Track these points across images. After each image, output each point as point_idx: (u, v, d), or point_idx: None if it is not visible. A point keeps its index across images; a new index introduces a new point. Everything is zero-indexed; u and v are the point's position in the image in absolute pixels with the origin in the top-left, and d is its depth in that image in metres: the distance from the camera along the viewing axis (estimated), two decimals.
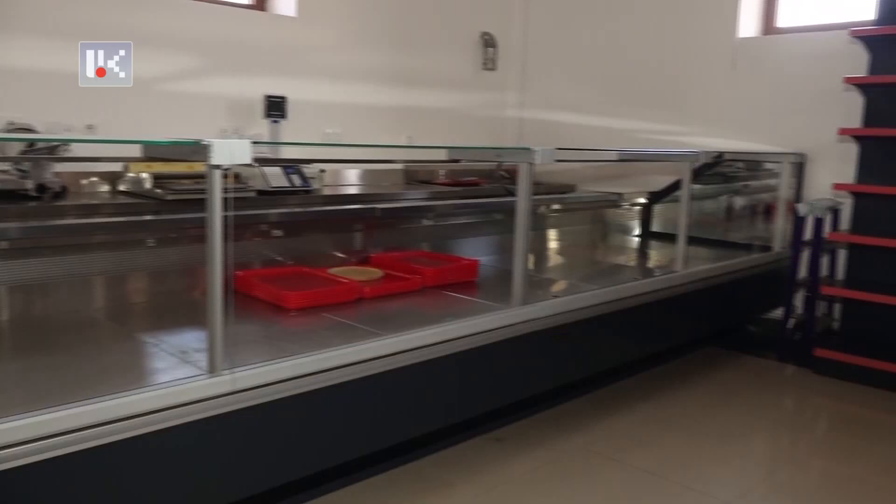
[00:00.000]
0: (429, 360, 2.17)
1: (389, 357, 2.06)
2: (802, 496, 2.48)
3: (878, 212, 3.75)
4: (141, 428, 1.59)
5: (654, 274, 3.44)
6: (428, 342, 2.16)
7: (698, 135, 4.56)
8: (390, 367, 2.07)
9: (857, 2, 4.04)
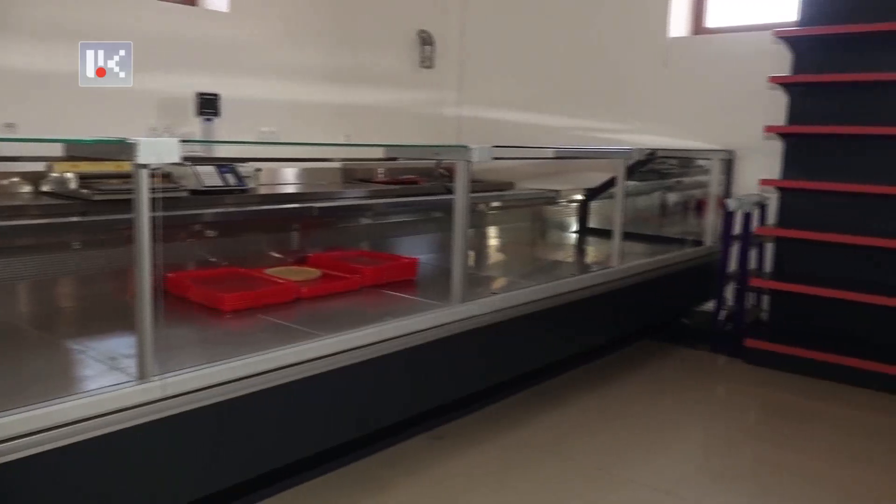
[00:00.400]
0: (367, 360, 2.16)
1: (327, 358, 2.04)
2: (737, 482, 2.56)
3: (801, 206, 3.90)
4: (66, 438, 1.53)
5: (591, 270, 3.49)
6: (366, 342, 2.15)
7: (633, 132, 4.65)
8: (328, 369, 2.04)
9: (781, 3, 4.19)
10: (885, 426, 3.03)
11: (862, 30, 3.55)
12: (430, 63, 5.11)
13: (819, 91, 3.80)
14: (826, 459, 2.70)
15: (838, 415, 3.17)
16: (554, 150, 3.17)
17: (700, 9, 4.59)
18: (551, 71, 5.00)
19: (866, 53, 3.65)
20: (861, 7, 3.64)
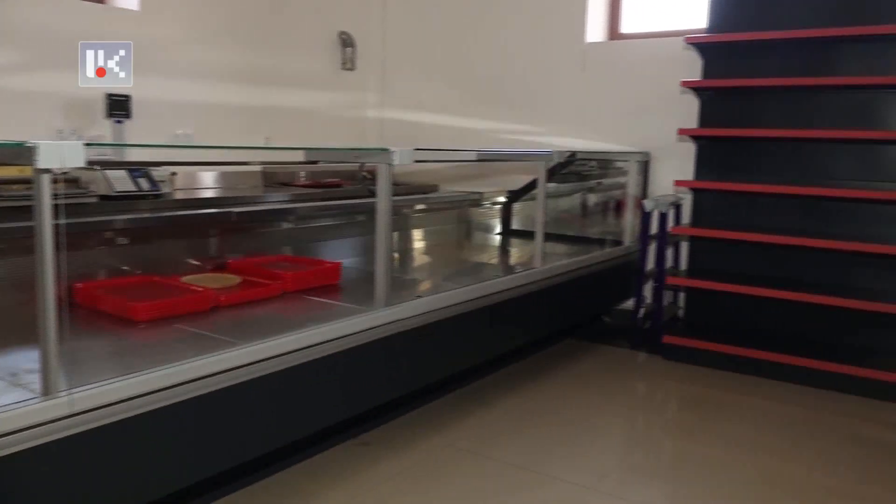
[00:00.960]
0: (289, 368, 2.11)
1: (247, 367, 1.98)
2: (657, 475, 2.63)
3: (714, 206, 4.05)
4: None
5: (514, 271, 3.53)
6: (287, 349, 2.10)
7: (553, 135, 4.74)
8: (248, 378, 1.99)
9: (692, 10, 4.34)
10: (796, 417, 3.17)
11: (766, 37, 3.72)
12: (351, 65, 5.07)
13: (728, 95, 3.96)
14: (740, 450, 2.81)
15: (752, 406, 3.29)
16: (476, 152, 3.19)
17: (615, 15, 4.71)
18: (473, 74, 5.04)
19: (771, 59, 3.83)
20: (765, 15, 3.82)
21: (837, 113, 3.73)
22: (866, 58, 3.65)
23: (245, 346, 2.00)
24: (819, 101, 3.77)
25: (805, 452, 2.80)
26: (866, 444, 2.91)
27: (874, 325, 3.61)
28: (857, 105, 3.68)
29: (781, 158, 3.87)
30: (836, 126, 3.70)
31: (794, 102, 3.82)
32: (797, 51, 3.76)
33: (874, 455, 2.80)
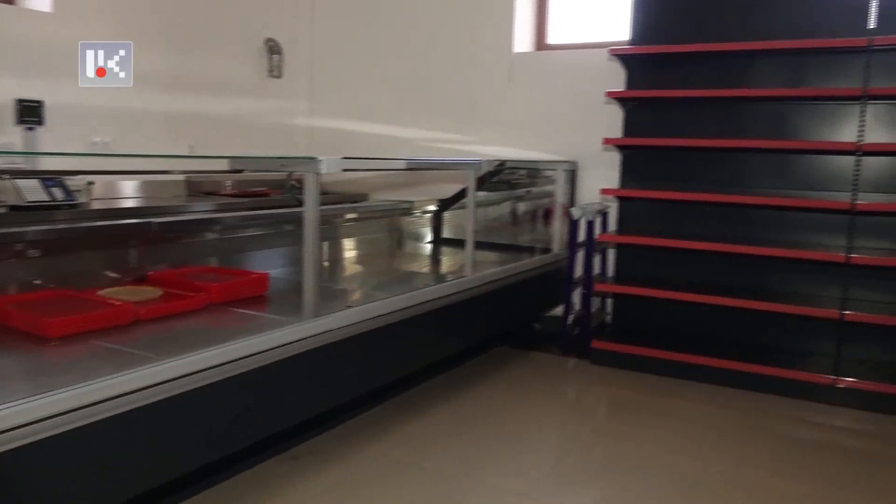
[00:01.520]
0: (213, 384, 2.04)
1: (168, 383, 1.90)
2: (589, 478, 2.66)
3: (639, 213, 4.16)
4: None
5: (445, 279, 3.52)
6: (211, 364, 2.03)
7: (482, 143, 4.77)
8: (169, 395, 1.91)
9: (617, 23, 4.45)
10: (720, 417, 3.27)
11: (685, 49, 3.84)
12: (278, 72, 4.99)
13: (651, 105, 4.07)
14: (668, 451, 2.87)
15: (678, 408, 3.38)
16: (406, 161, 3.18)
17: (542, 26, 4.79)
18: (404, 82, 5.04)
19: (692, 71, 3.96)
20: (685, 29, 3.94)
21: (756, 124, 3.88)
22: (782, 71, 3.81)
23: (166, 362, 1.92)
24: (739, 112, 3.91)
25: (730, 452, 2.88)
26: (787, 442, 3.02)
27: (791, 327, 3.76)
28: (774, 116, 3.84)
29: (703, 167, 4.00)
30: (754, 136, 3.85)
31: (715, 113, 3.95)
32: (717, 63, 3.90)
33: (795, 452, 2.90)
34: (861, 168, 3.63)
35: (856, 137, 3.60)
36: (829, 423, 3.27)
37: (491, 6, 4.70)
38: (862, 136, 3.59)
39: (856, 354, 3.67)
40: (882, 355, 3.64)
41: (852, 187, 3.65)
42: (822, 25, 3.65)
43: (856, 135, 3.61)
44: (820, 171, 3.77)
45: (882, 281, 3.63)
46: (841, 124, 3.69)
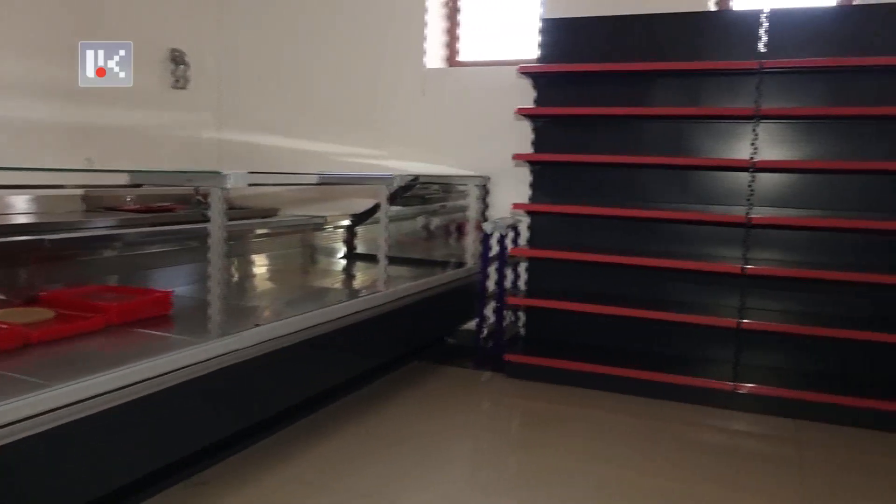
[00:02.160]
0: (111, 409, 1.94)
1: (62, 410, 1.79)
2: (504, 490, 2.67)
3: (549, 228, 4.24)
4: None
5: (358, 295, 3.48)
6: (109, 388, 1.93)
7: (395, 158, 4.77)
8: (64, 422, 1.80)
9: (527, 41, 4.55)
10: (630, 425, 3.35)
11: (591, 69, 3.96)
12: (183, 83, 4.84)
13: (559, 122, 4.17)
14: (581, 461, 2.92)
15: (590, 418, 3.44)
16: (316, 175, 3.13)
17: (453, 42, 4.85)
18: (316, 96, 4.99)
19: (596, 89, 4.08)
20: (591, 48, 4.07)
21: (657, 141, 4.03)
22: (681, 90, 3.98)
23: (58, 387, 1.81)
24: (641, 129, 4.06)
25: (638, 458, 2.96)
26: (690, 447, 3.12)
27: (694, 336, 3.92)
28: (674, 134, 4.01)
29: (609, 182, 4.13)
30: (656, 153, 4.00)
31: (619, 130, 4.09)
32: (621, 82, 4.04)
33: (697, 457, 3.01)
34: (755, 183, 3.83)
35: (749, 154, 3.80)
36: (730, 427, 3.41)
37: (403, 22, 4.72)
38: (755, 153, 3.79)
39: (754, 361, 3.86)
40: (778, 361, 3.83)
41: (747, 202, 3.84)
42: (717, 48, 3.84)
43: (749, 152, 3.81)
44: (717, 186, 3.95)
45: (776, 290, 3.83)
46: (736, 142, 3.88)
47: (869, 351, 3.60)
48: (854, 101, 3.64)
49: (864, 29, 3.62)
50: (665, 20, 3.96)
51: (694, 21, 3.93)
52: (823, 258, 3.76)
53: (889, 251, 3.65)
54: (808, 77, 3.74)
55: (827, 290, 3.73)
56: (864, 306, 3.69)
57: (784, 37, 3.73)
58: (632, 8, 4.06)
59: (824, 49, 3.66)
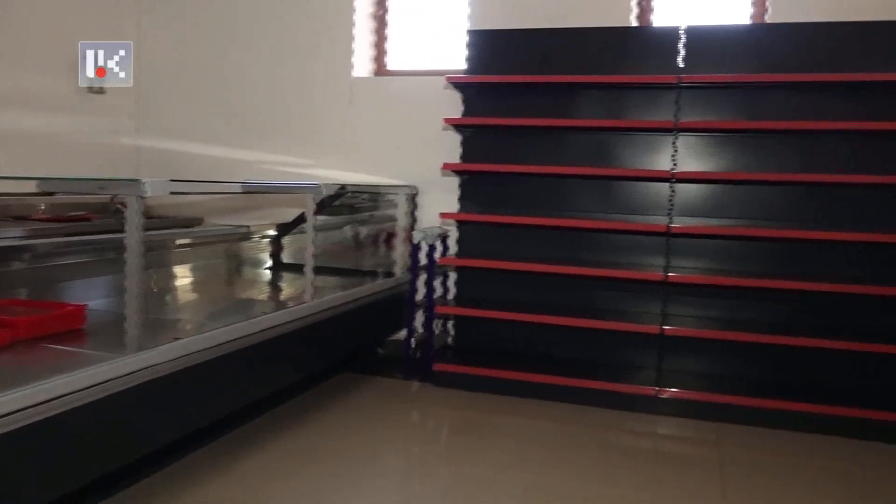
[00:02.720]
0: (17, 429, 1.83)
1: None
2: (433, 501, 2.65)
3: (477, 237, 4.27)
4: None
5: (285, 306, 3.42)
6: (14, 408, 1.82)
7: (323, 167, 4.72)
8: None
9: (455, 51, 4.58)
10: (556, 432, 3.39)
11: (518, 80, 4.02)
12: (99, 88, 4.66)
13: (487, 132, 4.21)
14: (509, 468, 2.93)
15: (518, 426, 3.47)
16: (241, 184, 3.06)
17: (381, 51, 4.83)
18: (242, 103, 4.89)
19: (523, 100, 4.14)
20: (518, 60, 4.13)
21: (582, 152, 4.11)
22: (604, 103, 4.08)
23: None
24: (567, 140, 4.13)
25: (563, 465, 2.99)
26: (616, 452, 3.18)
27: (619, 343, 4.00)
28: (598, 145, 4.09)
29: (536, 192, 4.18)
30: (581, 163, 4.08)
31: (545, 141, 4.15)
32: (547, 94, 4.10)
33: (624, 461, 3.07)
34: (675, 194, 3.95)
35: (670, 166, 3.92)
36: (654, 431, 3.49)
37: (330, 30, 4.68)
38: (675, 164, 3.91)
39: (676, 366, 3.97)
40: (699, 366, 3.95)
41: (668, 211, 3.96)
42: (639, 63, 3.95)
43: (670, 163, 3.92)
44: (640, 196, 4.05)
45: (696, 297, 3.96)
46: (657, 153, 4.00)
47: (787, 355, 3.75)
48: (767, 115, 3.80)
49: (776, 46, 3.79)
50: (589, 35, 4.05)
51: (616, 36, 4.04)
52: (741, 266, 3.90)
53: (800, 258, 3.81)
54: (724, 92, 3.89)
55: (745, 297, 3.88)
56: (781, 311, 3.85)
57: (701, 53, 3.87)
58: (557, 22, 4.14)
59: (739, 65, 3.82)
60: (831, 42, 3.71)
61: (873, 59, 3.64)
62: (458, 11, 4.65)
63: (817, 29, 3.74)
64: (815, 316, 3.80)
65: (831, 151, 3.74)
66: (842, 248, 3.72)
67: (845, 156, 3.72)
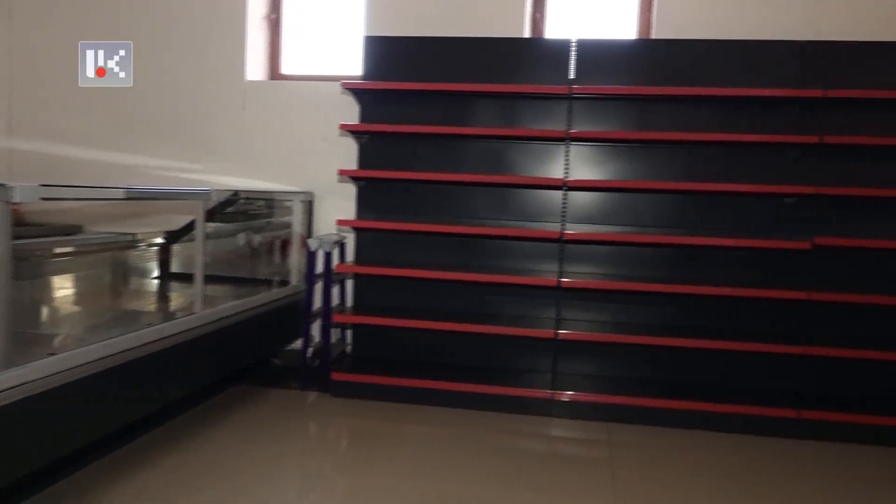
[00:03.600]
0: None
1: None
2: None
3: (375, 244, 4.24)
4: None
5: (174, 317, 3.27)
6: None
7: (215, 173, 4.57)
8: None
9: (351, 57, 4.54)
10: (455, 438, 3.40)
11: (413, 87, 4.02)
12: None
13: (384, 139, 4.19)
14: (407, 477, 2.91)
15: (416, 433, 3.45)
16: (124, 190, 2.90)
17: (276, 55, 4.73)
18: (129, 105, 4.66)
19: (420, 107, 4.15)
20: (415, 67, 4.13)
21: (479, 159, 4.16)
22: (499, 112, 4.14)
23: None
24: (464, 148, 4.17)
25: (462, 471, 3.00)
26: (514, 455, 3.22)
27: (515, 348, 4.07)
28: (495, 153, 4.15)
29: (434, 199, 4.20)
30: (477, 171, 4.13)
31: (443, 148, 4.18)
32: (443, 102, 4.13)
33: (521, 464, 3.10)
34: (568, 201, 4.06)
35: (563, 174, 4.03)
36: (549, 434, 3.56)
37: (222, 32, 4.54)
38: (567, 172, 4.02)
39: (571, 369, 4.07)
40: (593, 368, 4.07)
41: (561, 218, 4.06)
42: (532, 73, 4.05)
43: (563, 172, 4.03)
44: (535, 203, 4.14)
45: (590, 301, 4.07)
46: (550, 162, 4.10)
47: (674, 355, 3.92)
48: (655, 126, 3.97)
49: (662, 61, 3.97)
50: (484, 44, 4.11)
51: (511, 47, 4.12)
52: (632, 270, 4.05)
53: (687, 263, 4.00)
54: (614, 103, 4.03)
55: (636, 300, 4.02)
56: (669, 314, 4.01)
57: (592, 65, 4.01)
58: (454, 31, 4.18)
59: (628, 78, 3.97)
60: (712, 59, 3.92)
61: (751, 76, 3.86)
62: (354, 17, 4.62)
63: (699, 46, 3.94)
64: (700, 318, 3.98)
65: (714, 162, 3.95)
66: (724, 253, 3.93)
67: (726, 166, 3.94)
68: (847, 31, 3.94)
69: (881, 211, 3.80)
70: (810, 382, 3.85)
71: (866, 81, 3.74)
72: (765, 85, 3.79)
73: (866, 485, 3.03)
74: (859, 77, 3.77)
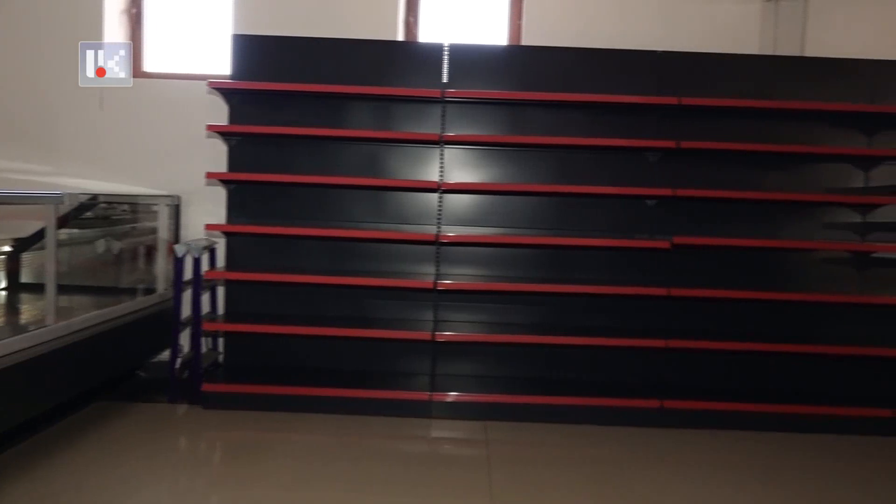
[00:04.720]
0: None
1: None
2: None
3: (248, 249, 4.10)
4: None
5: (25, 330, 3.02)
6: None
7: (73, 176, 4.29)
8: None
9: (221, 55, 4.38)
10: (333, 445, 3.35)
11: (285, 88, 3.93)
12: None
13: (256, 141, 4.07)
14: (284, 489, 2.83)
15: (293, 442, 3.37)
16: None
17: (138, 51, 4.48)
18: None
19: (293, 109, 4.06)
20: (285, 68, 4.04)
21: (354, 162, 4.12)
22: (374, 114, 4.12)
23: None
24: (338, 150, 4.12)
25: (341, 478, 2.96)
26: (394, 459, 3.20)
27: (394, 351, 4.06)
28: (370, 156, 4.13)
29: (309, 202, 4.11)
30: (352, 174, 4.09)
31: (318, 151, 4.10)
32: (317, 103, 4.06)
33: (401, 467, 3.10)
34: (444, 204, 4.10)
35: (438, 177, 4.06)
36: (429, 435, 3.57)
37: (77, 26, 4.24)
38: (443, 175, 4.06)
39: (449, 370, 4.10)
40: (470, 369, 4.12)
41: (437, 220, 4.09)
42: (406, 76, 4.05)
43: (438, 174, 4.06)
44: (411, 206, 4.15)
45: (466, 303, 4.12)
46: (426, 165, 4.12)
47: (548, 353, 4.04)
48: (526, 130, 4.07)
49: (532, 67, 4.08)
50: (357, 46, 4.07)
51: (384, 49, 4.11)
52: (507, 271, 4.14)
53: (560, 263, 4.12)
54: (487, 107, 4.10)
55: (511, 301, 4.11)
56: (543, 313, 4.12)
57: (465, 69, 4.06)
58: (326, 31, 4.12)
59: (500, 83, 4.06)
60: (578, 66, 4.07)
61: (614, 83, 4.03)
62: (222, 14, 4.46)
63: (566, 54, 4.08)
64: (572, 316, 4.12)
65: (582, 165, 4.10)
66: (592, 253, 4.08)
67: (593, 169, 4.10)
68: (702, 44, 4.19)
69: (734, 212, 4.07)
70: (673, 374, 4.07)
71: (718, 91, 4.00)
72: (627, 92, 3.97)
73: (724, 469, 3.24)
74: (711, 86, 4.03)
